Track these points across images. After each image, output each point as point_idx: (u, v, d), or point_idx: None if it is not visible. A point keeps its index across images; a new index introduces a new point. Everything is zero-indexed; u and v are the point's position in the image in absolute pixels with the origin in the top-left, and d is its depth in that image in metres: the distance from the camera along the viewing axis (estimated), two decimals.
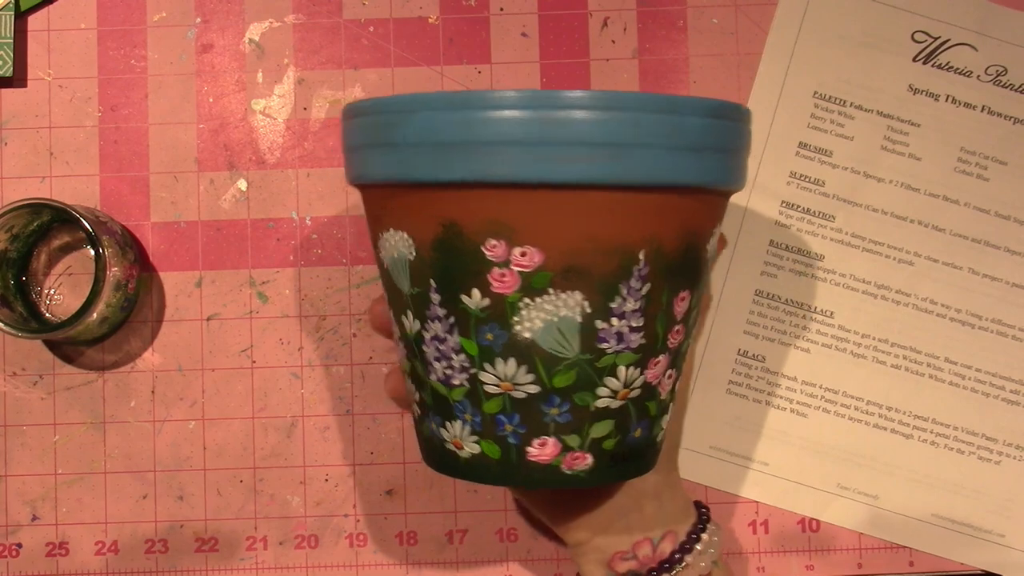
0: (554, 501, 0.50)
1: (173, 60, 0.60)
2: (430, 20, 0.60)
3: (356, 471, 0.59)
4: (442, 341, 0.41)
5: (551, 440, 0.41)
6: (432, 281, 0.40)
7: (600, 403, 0.41)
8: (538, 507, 0.52)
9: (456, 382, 0.41)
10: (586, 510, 0.49)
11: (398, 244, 0.41)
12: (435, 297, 0.40)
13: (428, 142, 0.38)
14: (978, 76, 0.58)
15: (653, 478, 0.50)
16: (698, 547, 0.49)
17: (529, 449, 0.41)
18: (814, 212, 0.59)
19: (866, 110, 0.59)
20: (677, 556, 0.49)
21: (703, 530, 0.50)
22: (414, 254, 0.40)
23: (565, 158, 0.37)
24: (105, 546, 0.59)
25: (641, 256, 0.39)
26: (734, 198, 0.59)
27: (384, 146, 0.40)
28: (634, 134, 0.38)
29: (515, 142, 0.37)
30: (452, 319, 0.40)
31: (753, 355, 0.59)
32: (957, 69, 0.59)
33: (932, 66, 0.59)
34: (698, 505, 0.52)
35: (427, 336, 0.41)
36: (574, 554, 0.51)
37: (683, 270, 0.41)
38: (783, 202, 0.59)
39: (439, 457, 0.44)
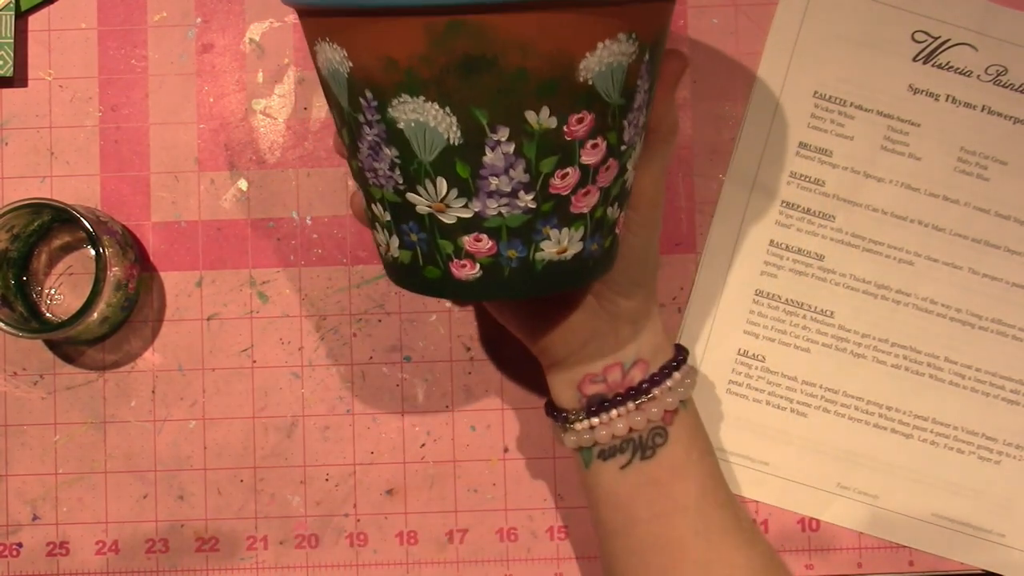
0: (529, 317, 0.50)
1: (173, 60, 0.60)
2: None
3: (356, 471, 0.59)
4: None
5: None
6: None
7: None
8: (513, 325, 0.51)
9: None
10: (560, 329, 0.49)
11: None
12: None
13: None
14: (978, 76, 0.58)
15: (630, 304, 0.49)
16: (668, 383, 0.49)
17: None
18: (814, 212, 0.59)
19: (866, 110, 0.59)
20: (645, 386, 0.49)
21: (676, 368, 0.50)
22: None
23: None
24: (106, 546, 0.59)
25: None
26: (736, 197, 0.59)
27: None
28: None
29: None
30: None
31: (753, 355, 0.59)
32: (957, 69, 0.59)
33: (932, 66, 0.59)
34: (679, 347, 0.52)
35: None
36: (547, 375, 0.51)
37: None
38: (783, 202, 0.59)
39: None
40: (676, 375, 0.50)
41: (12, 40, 0.59)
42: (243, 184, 0.60)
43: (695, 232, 0.59)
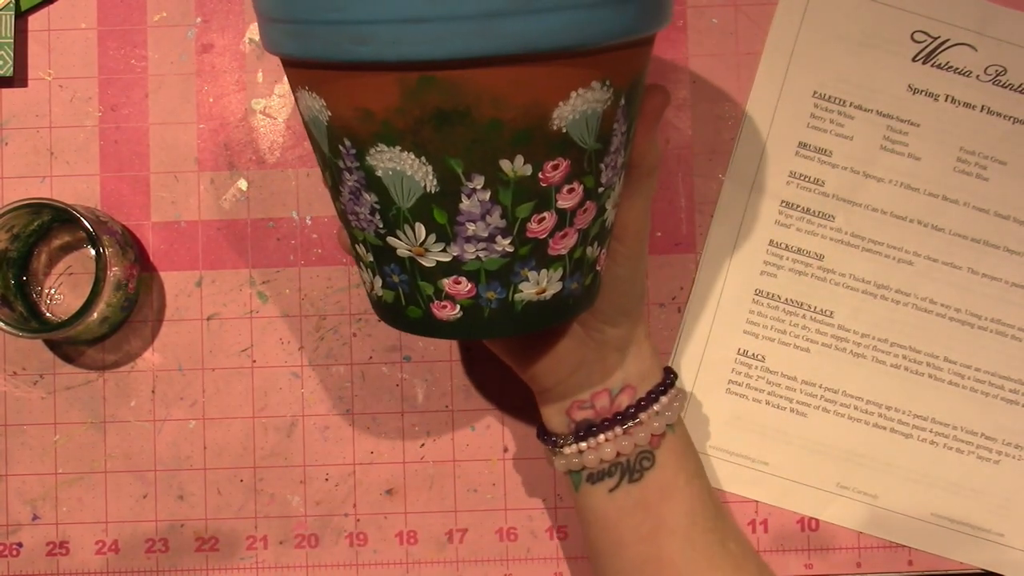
0: (517, 347, 0.50)
1: (173, 60, 0.60)
2: None
3: (356, 471, 0.59)
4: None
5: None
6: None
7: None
8: (503, 354, 0.51)
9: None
10: (549, 359, 0.49)
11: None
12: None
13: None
14: (978, 76, 0.58)
15: (617, 332, 0.50)
16: (655, 407, 0.50)
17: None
18: (814, 212, 0.59)
19: (866, 110, 0.59)
20: (632, 411, 0.50)
21: (663, 392, 0.51)
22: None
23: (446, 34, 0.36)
24: (105, 545, 0.59)
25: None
26: (736, 197, 0.59)
27: (275, 21, 0.40)
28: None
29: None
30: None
31: (753, 355, 0.59)
32: (956, 69, 0.59)
33: (931, 66, 0.59)
34: (667, 370, 0.52)
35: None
36: (537, 401, 0.52)
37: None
38: (783, 202, 0.59)
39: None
40: (663, 399, 0.50)
41: (12, 40, 0.59)
42: (243, 184, 0.60)
43: (695, 232, 0.59)
